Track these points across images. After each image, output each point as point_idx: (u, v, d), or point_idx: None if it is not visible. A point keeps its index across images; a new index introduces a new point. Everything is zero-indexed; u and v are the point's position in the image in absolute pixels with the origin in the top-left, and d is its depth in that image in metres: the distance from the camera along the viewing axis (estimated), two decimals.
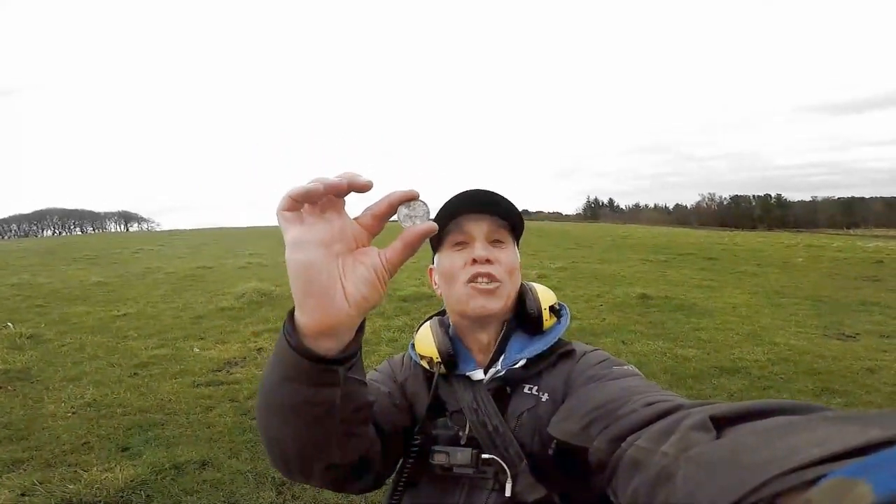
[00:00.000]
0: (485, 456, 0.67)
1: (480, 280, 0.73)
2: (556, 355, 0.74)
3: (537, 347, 0.74)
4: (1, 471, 2.47)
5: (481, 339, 0.76)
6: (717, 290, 7.84)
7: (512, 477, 0.64)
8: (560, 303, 0.81)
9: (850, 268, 10.71)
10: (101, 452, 2.67)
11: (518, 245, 0.81)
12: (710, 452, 0.34)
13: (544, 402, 0.69)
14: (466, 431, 0.70)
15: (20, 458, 2.61)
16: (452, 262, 0.76)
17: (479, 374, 0.74)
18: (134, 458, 2.60)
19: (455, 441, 0.70)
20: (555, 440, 0.62)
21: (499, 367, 0.73)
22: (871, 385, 3.58)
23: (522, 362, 0.73)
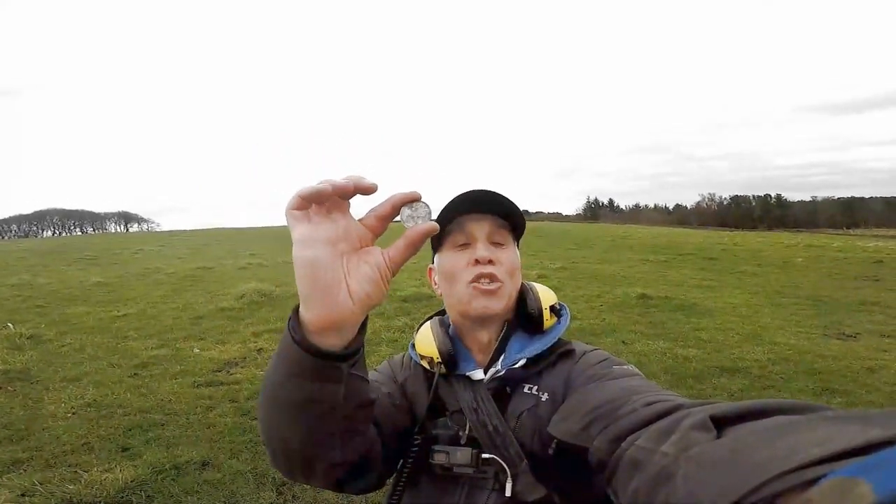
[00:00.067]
0: (485, 455, 0.66)
1: (483, 281, 0.73)
2: (555, 355, 0.74)
3: (537, 347, 0.73)
4: (1, 471, 2.47)
5: (482, 339, 0.76)
6: (717, 290, 7.84)
7: (512, 477, 0.64)
8: (560, 303, 0.81)
9: (850, 268, 10.71)
10: (101, 453, 2.67)
11: (519, 245, 0.81)
12: (710, 452, 0.33)
13: (544, 402, 0.69)
14: (466, 431, 0.69)
15: (20, 458, 2.61)
16: (454, 263, 0.76)
17: (479, 374, 0.74)
18: (134, 458, 2.60)
19: (455, 441, 0.70)
20: (555, 440, 0.62)
21: (499, 367, 0.73)
22: (871, 384, 3.58)
23: (522, 362, 0.73)
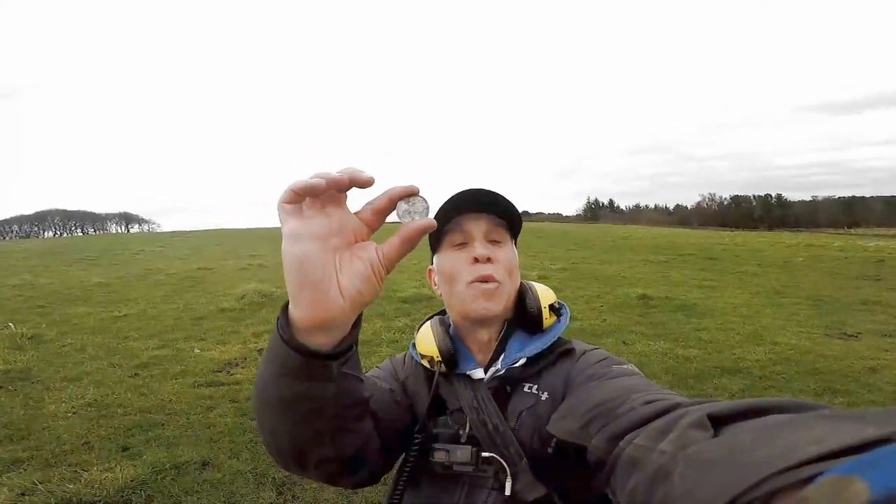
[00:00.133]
0: (485, 454, 0.66)
1: (481, 279, 0.73)
2: (555, 354, 0.74)
3: (537, 346, 0.73)
4: (1, 470, 2.47)
5: (482, 339, 0.76)
6: (717, 290, 7.83)
7: (512, 475, 0.64)
8: (560, 301, 0.81)
9: (851, 267, 10.69)
10: (101, 452, 2.67)
11: (516, 243, 0.81)
12: (707, 450, 0.34)
13: (544, 401, 0.69)
14: (467, 430, 0.69)
15: (20, 457, 2.61)
16: (453, 263, 0.76)
17: (479, 373, 0.74)
18: (134, 458, 2.60)
19: (455, 439, 0.70)
20: (554, 439, 0.62)
21: (499, 366, 0.73)
22: (873, 384, 3.57)
23: (522, 361, 0.73)
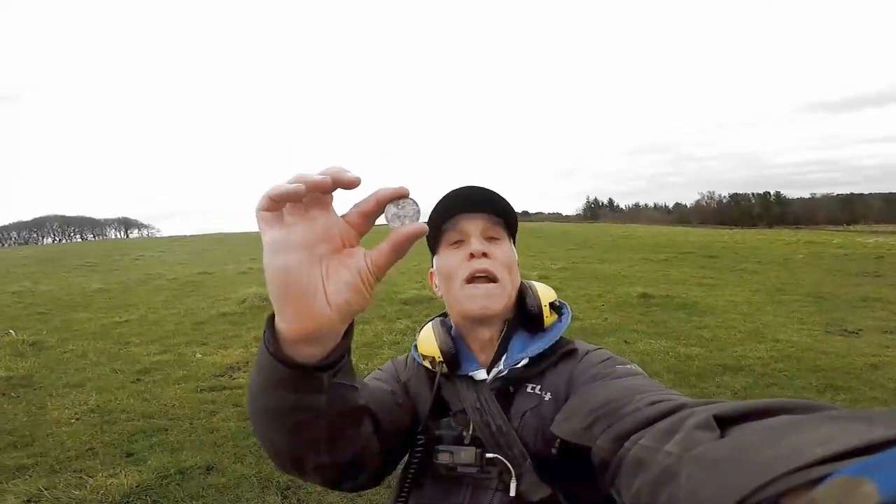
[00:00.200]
0: (489, 455, 0.66)
1: (479, 275, 0.72)
2: (558, 354, 0.74)
3: (539, 346, 0.73)
4: (6, 477, 2.47)
5: (483, 337, 0.76)
6: (718, 288, 7.83)
7: (516, 476, 0.64)
8: (560, 300, 0.81)
9: (850, 264, 10.70)
10: (105, 458, 2.67)
11: (514, 242, 0.81)
12: (713, 451, 0.33)
13: (547, 402, 0.68)
14: (470, 431, 0.69)
15: (25, 464, 2.61)
16: (449, 261, 0.75)
17: (481, 374, 0.73)
18: (139, 463, 2.60)
19: (459, 441, 0.69)
20: (558, 439, 0.62)
21: (501, 367, 0.73)
22: (874, 381, 3.57)
23: (525, 361, 0.72)
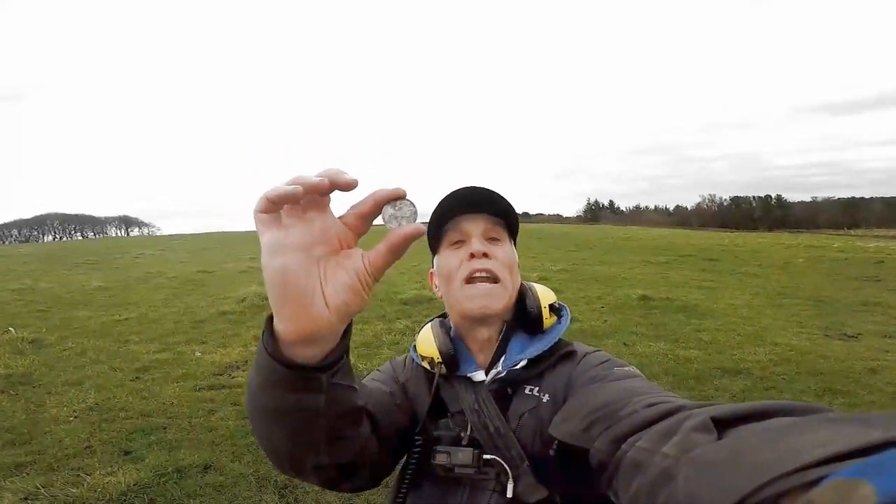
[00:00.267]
0: (486, 456, 0.66)
1: (478, 274, 0.72)
2: (557, 356, 0.73)
3: (538, 348, 0.73)
4: (4, 475, 2.47)
5: (482, 337, 0.76)
6: (718, 290, 7.83)
7: (514, 478, 0.64)
8: (560, 302, 0.81)
9: (850, 268, 10.70)
10: (103, 456, 2.67)
11: (515, 243, 0.81)
12: (711, 453, 0.33)
13: (545, 403, 0.68)
14: (468, 432, 0.69)
15: (23, 462, 2.61)
16: (449, 262, 0.75)
17: (480, 376, 0.73)
18: (136, 461, 2.60)
19: (457, 442, 0.69)
20: (556, 441, 0.62)
21: (500, 368, 0.73)
22: (873, 385, 3.57)
23: (523, 363, 0.72)
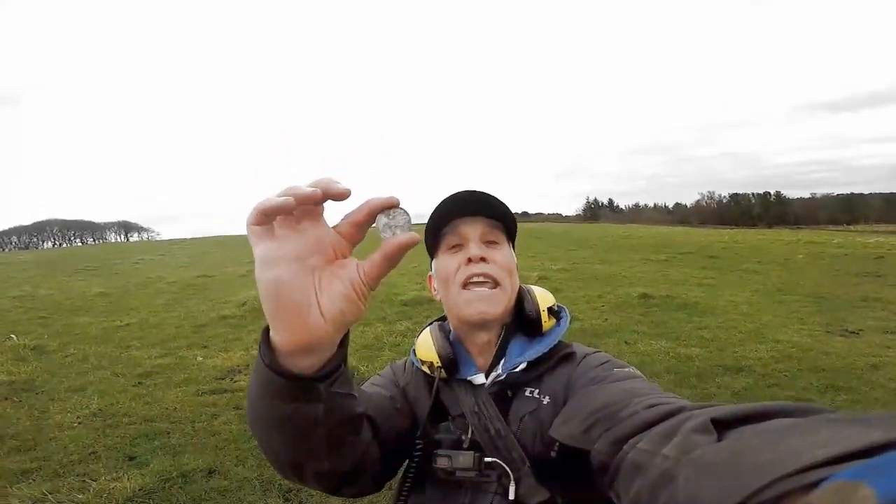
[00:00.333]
0: (487, 459, 0.66)
1: (476, 278, 0.72)
2: (556, 358, 0.74)
3: (537, 350, 0.73)
4: (11, 481, 2.48)
5: (481, 341, 0.76)
6: (718, 288, 7.82)
7: (515, 480, 0.64)
8: (559, 304, 0.81)
9: (851, 264, 10.68)
10: (108, 462, 2.68)
11: (513, 246, 0.81)
12: (711, 455, 0.34)
13: (545, 405, 0.69)
14: (469, 435, 0.69)
15: (29, 468, 2.62)
16: (447, 265, 0.75)
17: (480, 379, 0.74)
18: (141, 466, 2.61)
19: (457, 445, 0.69)
20: (557, 443, 0.62)
21: (499, 371, 0.73)
22: (875, 381, 3.58)
23: (523, 366, 0.72)
